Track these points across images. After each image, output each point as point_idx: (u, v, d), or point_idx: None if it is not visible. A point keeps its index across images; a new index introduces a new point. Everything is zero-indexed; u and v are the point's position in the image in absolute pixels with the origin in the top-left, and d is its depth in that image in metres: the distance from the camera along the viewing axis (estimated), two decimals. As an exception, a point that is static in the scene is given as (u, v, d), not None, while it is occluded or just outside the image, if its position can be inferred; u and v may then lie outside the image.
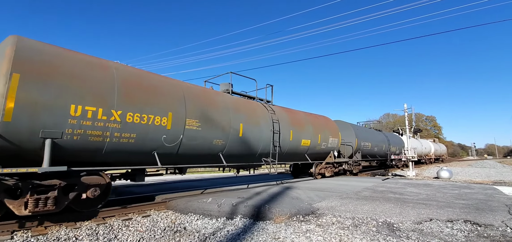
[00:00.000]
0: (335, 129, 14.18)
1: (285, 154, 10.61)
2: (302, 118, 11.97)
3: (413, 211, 5.88)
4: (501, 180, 14.73)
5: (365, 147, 17.42)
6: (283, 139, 10.19)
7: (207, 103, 7.60)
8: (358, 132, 17.01)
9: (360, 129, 18.25)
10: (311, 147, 11.90)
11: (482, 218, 5.29)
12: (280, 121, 10.09)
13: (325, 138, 12.85)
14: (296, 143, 10.94)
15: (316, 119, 13.09)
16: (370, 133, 19.80)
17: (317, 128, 12.48)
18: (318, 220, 5.30)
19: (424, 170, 24.85)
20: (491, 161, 55.12)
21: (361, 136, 16.99)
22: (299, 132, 11.16)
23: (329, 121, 14.54)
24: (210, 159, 7.93)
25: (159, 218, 5.79)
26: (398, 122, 65.13)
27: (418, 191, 8.86)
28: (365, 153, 17.67)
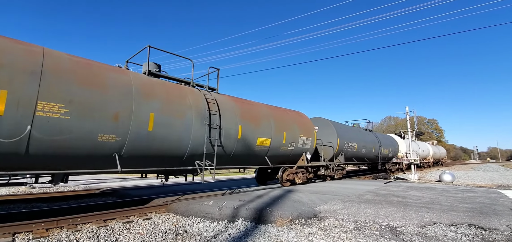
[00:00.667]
0: (309, 127, 11.86)
1: (232, 156, 8.44)
2: (259, 112, 9.56)
3: (416, 215, 5.83)
4: (505, 184, 14.62)
5: (350, 148, 15.20)
6: (227, 136, 8.01)
7: (88, 83, 5.45)
8: (341, 131, 14.66)
9: (344, 128, 15.81)
10: (272, 148, 9.71)
11: (486, 222, 5.22)
12: (222, 113, 7.95)
13: (293, 137, 10.63)
14: (248, 142, 8.70)
15: (282, 114, 10.79)
16: (357, 132, 17.27)
17: (282, 125, 10.23)
18: (321, 223, 5.26)
19: (426, 174, 24.70)
20: (494, 165, 54.79)
21: (344, 135, 14.74)
22: (253, 128, 8.87)
23: (301, 116, 12.13)
24: (98, 162, 5.83)
25: (160, 220, 5.76)
26: (400, 125, 64.98)
27: (421, 195, 8.80)
28: (350, 155, 15.51)
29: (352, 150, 15.53)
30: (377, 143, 19.15)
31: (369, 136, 19.02)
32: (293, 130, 10.84)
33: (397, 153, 23.56)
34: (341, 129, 14.88)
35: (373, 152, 18.37)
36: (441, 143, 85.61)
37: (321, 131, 14.02)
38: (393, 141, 23.75)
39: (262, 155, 9.55)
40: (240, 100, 9.58)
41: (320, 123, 14.64)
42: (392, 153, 22.34)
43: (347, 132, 15.62)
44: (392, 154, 22.26)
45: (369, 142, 18.11)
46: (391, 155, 22.05)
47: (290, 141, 10.59)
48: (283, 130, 10.28)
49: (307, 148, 11.55)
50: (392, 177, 18.03)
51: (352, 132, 16.43)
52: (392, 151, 22.35)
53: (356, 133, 17.07)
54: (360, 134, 17.49)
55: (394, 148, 23.24)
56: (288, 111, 11.67)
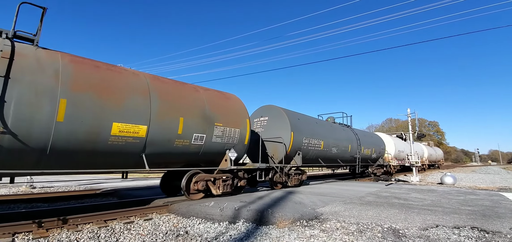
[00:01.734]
0: (237, 114, 8.45)
1: (48, 152, 5.09)
2: (123, 82, 6.17)
3: (419, 217, 5.79)
4: (507, 186, 14.56)
5: (313, 146, 11.81)
6: (25, 115, 4.74)
7: None
8: (298, 123, 11.18)
9: (304, 120, 12.05)
10: (153, 141, 6.36)
11: (489, 225, 5.19)
12: (17, 76, 4.73)
13: (200, 126, 7.27)
14: (89, 128, 5.38)
15: (178, 90, 7.32)
16: (324, 127, 13.52)
17: (176, 106, 6.90)
18: (322, 225, 5.22)
19: (427, 176, 24.61)
20: (495, 167, 54.65)
21: (302, 129, 11.30)
22: (101, 105, 5.58)
23: (223, 98, 8.60)
24: None
25: (161, 221, 5.74)
26: (401, 127, 64.88)
27: (422, 197, 8.75)
28: (313, 156, 12.11)
29: (316, 148, 12.07)
30: (355, 141, 15.75)
31: (345, 132, 15.37)
32: (201, 115, 7.39)
33: (383, 153, 20.34)
34: (298, 121, 11.35)
35: (348, 152, 14.80)
36: (442, 145, 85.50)
37: (270, 123, 11.00)
38: (378, 140, 20.28)
39: (129, 151, 6.08)
40: (85, 61, 5.83)
41: (270, 112, 11.26)
42: (376, 154, 18.96)
43: (307, 125, 11.90)
44: (376, 155, 18.92)
45: (343, 140, 14.47)
46: (375, 156, 18.71)
47: (194, 132, 7.11)
48: (178, 113, 6.84)
49: (232, 143, 8.12)
50: (393, 179, 17.97)
51: (316, 125, 12.67)
52: (376, 151, 18.94)
53: (323, 127, 13.33)
54: (330, 129, 13.85)
55: (379, 148, 19.69)
56: (195, 88, 7.97)
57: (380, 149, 19.77)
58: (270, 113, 11.28)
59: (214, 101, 8.15)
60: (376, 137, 20.80)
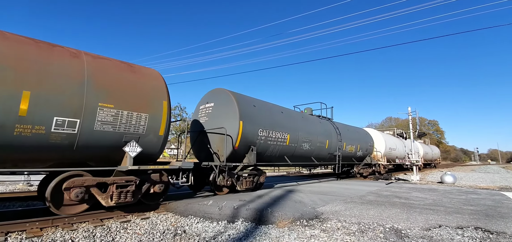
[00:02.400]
0: (147, 92, 6.07)
1: None
2: None
3: (421, 217, 5.69)
4: (507, 186, 14.47)
5: (276, 140, 9.41)
6: None
7: None
8: (252, 111, 8.76)
9: (261, 107, 9.47)
10: None
11: (493, 225, 5.09)
12: None
13: (69, 108, 4.94)
14: None
15: (27, 50, 4.79)
16: (292, 117, 10.82)
17: (19, 74, 4.55)
18: (323, 225, 5.12)
19: (426, 175, 24.52)
20: (495, 166, 54.65)
21: (258, 118, 8.84)
22: None
23: (130, 70, 6.15)
24: None
25: (159, 220, 5.62)
26: (400, 126, 64.81)
27: (424, 196, 8.66)
28: (276, 153, 9.69)
29: (279, 143, 9.58)
30: (335, 136, 13.13)
31: (322, 125, 12.59)
32: (73, 90, 5.04)
33: (371, 151, 17.98)
34: (252, 108, 8.86)
35: (325, 148, 12.33)
36: (441, 144, 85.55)
37: (216, 110, 8.77)
38: (364, 136, 17.84)
39: None
40: None
41: (218, 97, 8.88)
42: (363, 152, 16.56)
43: (266, 114, 9.35)
44: (362, 152, 16.55)
45: (319, 134, 11.88)
46: (360, 154, 16.36)
47: (56, 114, 4.80)
48: (17, 84, 4.49)
49: (137, 133, 5.77)
50: (393, 178, 17.88)
51: (281, 116, 10.10)
52: (362, 148, 16.50)
53: (291, 118, 10.68)
54: (301, 120, 11.25)
55: (366, 144, 17.22)
56: (73, 52, 5.45)
57: (368, 146, 17.41)
58: (217, 98, 8.92)
59: (106, 73, 5.60)
60: (362, 132, 18.26)
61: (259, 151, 8.90)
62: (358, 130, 18.22)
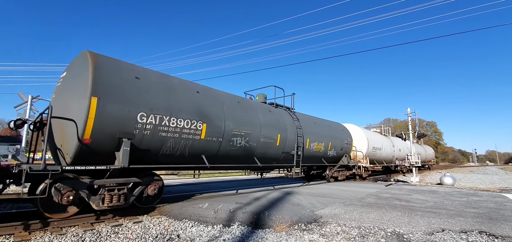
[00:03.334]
0: None
1: None
2: None
3: (423, 220, 5.52)
4: (508, 187, 14.35)
5: (179, 133, 6.46)
6: None
7: None
8: (129, 85, 5.78)
9: (152, 80, 6.38)
10: None
11: (497, 229, 4.92)
12: None
13: None
14: None
15: None
16: (213, 99, 7.74)
17: None
18: (322, 229, 4.94)
19: (426, 176, 24.36)
20: (493, 168, 54.67)
21: (138, 96, 5.84)
22: None
23: None
24: None
25: (151, 224, 5.43)
26: (399, 127, 64.76)
27: (424, 198, 8.49)
28: (185, 150, 6.76)
29: (186, 137, 6.63)
30: (292, 128, 10.31)
31: (271, 115, 9.72)
32: None
33: (348, 150, 14.90)
34: (126, 80, 5.80)
35: (277, 146, 9.41)
36: (440, 145, 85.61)
37: (67, 84, 5.94)
38: (340, 132, 14.49)
39: None
40: None
41: (74, 65, 6.02)
42: (336, 151, 13.53)
43: (158, 92, 6.28)
44: (336, 152, 13.50)
45: (264, 126, 8.99)
46: (333, 154, 13.30)
47: None
48: None
49: None
50: (392, 180, 17.72)
51: (188, 97, 6.97)
52: (336, 147, 13.41)
53: (213, 101, 7.60)
54: (231, 106, 8.16)
55: (341, 142, 14.02)
56: None
57: (344, 144, 14.29)
58: (73, 66, 6.04)
59: None
60: (337, 127, 14.80)
61: (145, 147, 5.95)
62: (331, 124, 14.52)
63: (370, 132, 20.28)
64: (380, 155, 19.11)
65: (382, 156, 19.37)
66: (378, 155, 18.83)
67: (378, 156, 18.76)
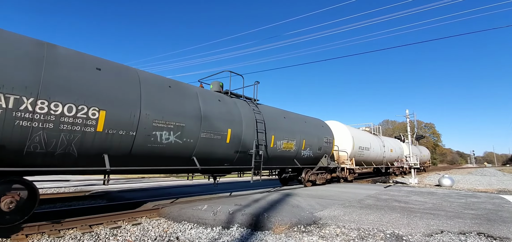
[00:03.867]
0: None
1: None
2: None
3: (422, 222, 5.52)
4: (506, 189, 14.41)
5: (54, 120, 4.68)
6: None
7: None
8: None
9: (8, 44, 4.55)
10: None
11: (496, 231, 4.93)
12: None
13: None
14: None
15: None
16: (120, 78, 5.88)
17: None
18: (321, 230, 4.93)
19: (424, 177, 24.39)
20: (491, 169, 54.84)
21: None
22: None
23: None
24: None
25: (150, 226, 5.41)
26: (398, 129, 64.95)
27: (423, 200, 8.51)
28: (68, 145, 4.92)
29: (69, 126, 4.86)
30: (250, 121, 8.55)
31: (224, 106, 8.10)
32: None
33: (329, 150, 13.09)
34: None
35: (225, 144, 7.73)
36: (438, 147, 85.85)
37: None
38: (318, 129, 12.58)
39: None
40: None
41: None
42: (313, 151, 11.83)
43: (14, 63, 4.41)
44: (313, 152, 11.82)
45: (214, 118, 7.51)
46: (308, 154, 11.58)
47: None
48: None
49: None
50: (391, 181, 17.74)
51: (74, 73, 5.11)
52: (312, 146, 11.72)
53: (119, 81, 5.80)
54: (153, 89, 6.40)
55: (320, 141, 12.24)
56: None
57: (323, 143, 12.45)
58: None
59: None
60: (314, 122, 12.82)
61: None
62: (307, 119, 12.47)
63: (357, 130, 18.46)
64: (369, 155, 17.82)
65: (370, 156, 18.09)
66: (366, 156, 17.48)
67: (365, 156, 17.44)
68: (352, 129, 17.22)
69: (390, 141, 23.67)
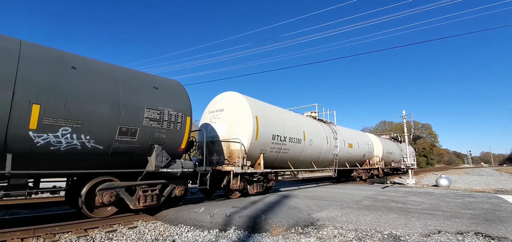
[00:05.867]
0: None
1: None
2: None
3: (419, 222, 5.52)
4: (503, 188, 14.46)
5: None
6: None
7: None
8: None
9: None
10: None
11: (493, 230, 4.93)
12: None
13: None
14: None
15: None
16: None
17: None
18: (319, 232, 4.91)
19: (422, 178, 24.44)
20: (488, 169, 55.14)
21: None
22: None
23: None
24: None
25: (146, 229, 5.35)
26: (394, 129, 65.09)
27: (420, 200, 8.51)
28: None
29: None
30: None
31: None
32: None
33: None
34: None
35: None
36: (435, 147, 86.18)
37: None
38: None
39: None
40: None
41: None
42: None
43: None
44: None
45: None
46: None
47: None
48: None
49: None
50: (389, 182, 17.77)
51: None
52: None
53: None
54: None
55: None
56: None
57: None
58: None
59: None
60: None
61: None
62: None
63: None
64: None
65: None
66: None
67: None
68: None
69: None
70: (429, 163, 75.92)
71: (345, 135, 15.32)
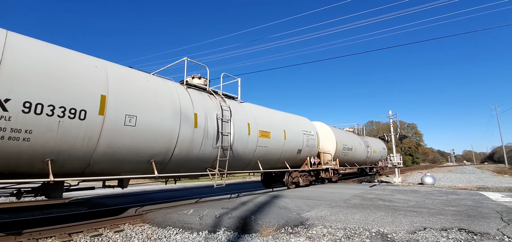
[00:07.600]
0: None
1: None
2: None
3: (406, 220, 5.63)
4: (484, 186, 14.97)
5: None
6: None
7: None
8: None
9: None
10: None
11: (476, 226, 5.08)
12: None
13: None
14: None
15: None
16: None
17: None
18: (308, 231, 4.93)
19: (408, 177, 24.98)
20: (470, 167, 56.96)
21: None
22: None
23: None
24: None
25: (134, 233, 5.24)
26: (382, 129, 66.36)
27: (407, 198, 8.70)
28: None
29: None
30: None
31: None
32: None
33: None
34: None
35: None
36: (420, 146, 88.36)
37: None
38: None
39: None
40: None
41: None
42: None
43: None
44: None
45: None
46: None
47: None
48: None
49: None
50: (376, 181, 18.09)
51: None
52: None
53: None
54: None
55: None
56: None
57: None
58: None
59: None
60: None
61: None
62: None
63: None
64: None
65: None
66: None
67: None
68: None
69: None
70: (415, 162, 77.74)
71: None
